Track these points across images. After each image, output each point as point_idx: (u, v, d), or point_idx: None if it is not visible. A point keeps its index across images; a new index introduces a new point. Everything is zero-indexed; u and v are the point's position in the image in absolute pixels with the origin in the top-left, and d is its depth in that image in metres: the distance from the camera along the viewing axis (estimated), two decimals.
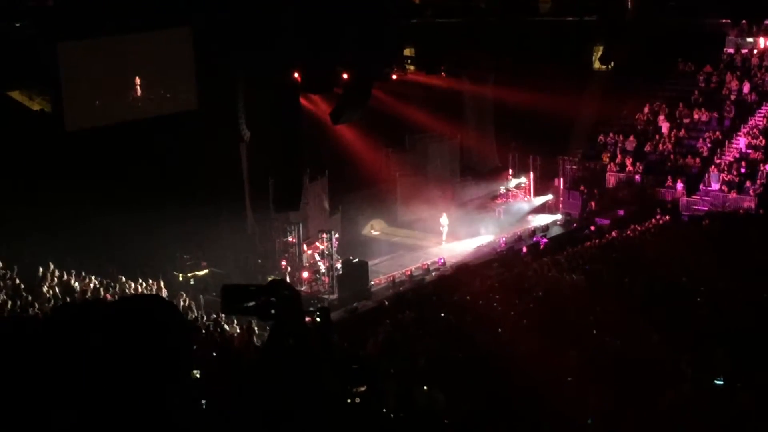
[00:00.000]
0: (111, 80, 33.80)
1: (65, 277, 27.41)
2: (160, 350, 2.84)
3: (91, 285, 27.44)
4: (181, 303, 27.60)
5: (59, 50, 31.90)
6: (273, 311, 3.52)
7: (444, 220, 40.10)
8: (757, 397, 13.80)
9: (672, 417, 13.69)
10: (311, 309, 3.95)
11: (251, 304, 3.58)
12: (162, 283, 29.64)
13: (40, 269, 26.79)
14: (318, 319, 3.85)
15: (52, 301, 24.50)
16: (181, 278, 33.43)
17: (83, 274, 28.19)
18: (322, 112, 38.48)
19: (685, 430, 13.42)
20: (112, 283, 28.11)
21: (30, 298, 24.47)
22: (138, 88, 34.40)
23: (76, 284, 27.29)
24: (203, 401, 3.54)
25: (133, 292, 27.72)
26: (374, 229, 41.97)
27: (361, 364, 4.13)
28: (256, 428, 3.44)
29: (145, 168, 31.94)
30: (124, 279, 28.59)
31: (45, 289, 25.76)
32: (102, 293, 26.68)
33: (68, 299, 24.74)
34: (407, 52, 44.36)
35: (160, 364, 2.83)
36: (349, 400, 3.74)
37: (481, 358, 17.74)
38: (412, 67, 43.94)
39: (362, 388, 3.99)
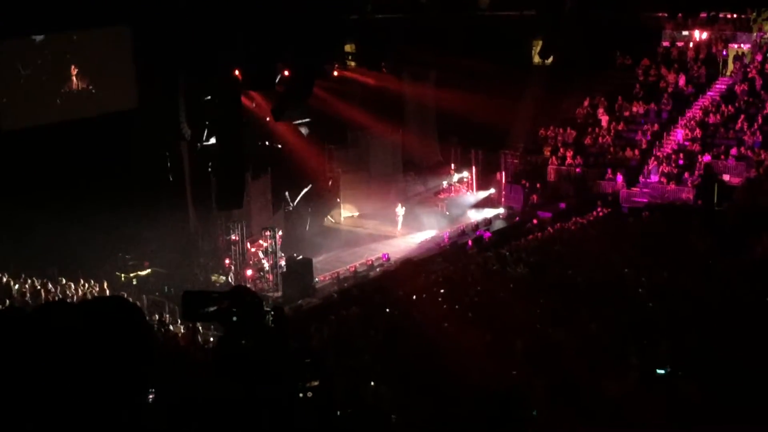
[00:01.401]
0: (48, 79, 33.36)
1: (5, 279, 27.05)
2: (131, 350, 2.83)
3: (32, 287, 27.11)
4: None
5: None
6: (235, 318, 3.53)
7: (400, 210, 40.39)
8: (698, 386, 14.01)
9: (617, 406, 13.85)
10: (267, 309, 3.95)
11: (213, 309, 3.57)
12: (105, 284, 29.34)
13: None
14: (272, 319, 3.85)
15: None
16: (123, 278, 33.14)
17: (23, 276, 27.83)
18: (263, 109, 38.34)
19: (631, 418, 13.58)
20: (51, 285, 27.79)
21: None
22: (76, 86, 33.98)
23: (16, 287, 26.94)
24: (150, 395, 3.52)
25: (74, 293, 27.42)
26: (333, 218, 42.24)
27: (312, 358, 4.14)
28: (207, 423, 3.44)
29: (86, 168, 31.58)
30: (64, 280, 28.27)
31: None
32: (43, 295, 26.37)
33: (7, 301, 24.41)
34: (348, 48, 44.29)
35: (130, 365, 2.82)
36: (301, 395, 3.74)
37: (427, 353, 17.80)
38: (353, 63, 43.91)
39: (315, 383, 4.00)
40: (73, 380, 2.72)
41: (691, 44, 43.73)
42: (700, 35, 43.65)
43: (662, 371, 15.35)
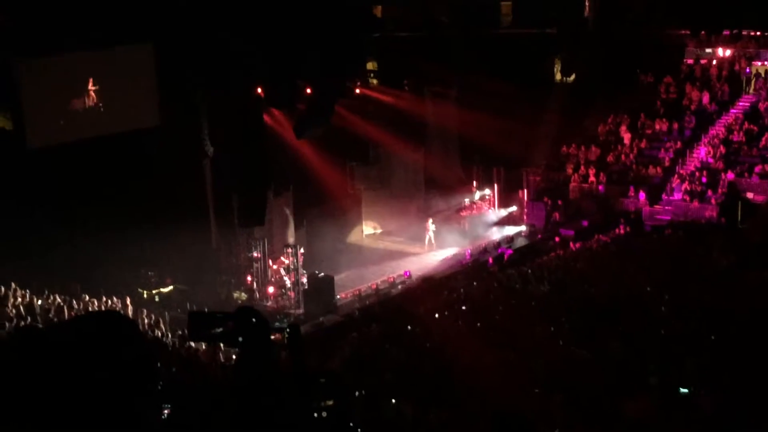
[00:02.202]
0: (72, 97, 33.56)
1: (28, 296, 27.17)
2: (121, 365, 2.82)
3: (55, 303, 27.22)
4: (146, 320, 27.43)
5: (20, 67, 31.68)
6: (240, 338, 3.52)
7: (431, 225, 40.59)
8: (719, 402, 13.92)
9: (637, 425, 13.77)
10: (282, 326, 3.95)
11: (218, 330, 3.57)
12: (127, 300, 29.42)
13: (2, 288, 26.55)
14: (288, 336, 3.85)
15: (15, 321, 24.27)
16: (145, 295, 33.21)
17: (46, 292, 27.95)
18: (284, 127, 38.42)
19: None
20: (75, 302, 27.89)
21: None
22: (99, 104, 34.16)
23: (39, 303, 27.06)
24: (166, 410, 3.52)
25: (96, 309, 27.51)
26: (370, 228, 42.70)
27: (328, 377, 4.12)
28: None
29: (109, 185, 31.72)
30: (87, 297, 28.36)
31: (8, 308, 25.53)
32: (66, 312, 26.47)
33: (30, 319, 24.53)
34: (370, 66, 44.41)
35: (122, 379, 2.81)
36: (315, 415, 3.74)
37: (448, 371, 17.76)
38: (375, 81, 44.01)
39: (329, 402, 3.98)
40: (68, 396, 2.72)
41: (714, 61, 43.59)
42: (723, 52, 43.50)
43: (685, 390, 15.25)
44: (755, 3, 38.27)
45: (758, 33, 42.82)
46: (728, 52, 43.37)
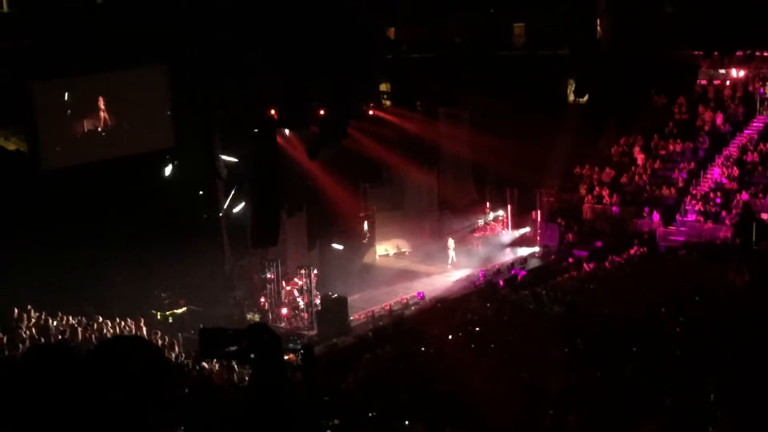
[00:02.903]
0: (87, 118, 33.73)
1: (42, 317, 27.21)
2: (145, 391, 2.82)
3: (69, 325, 27.26)
4: (159, 341, 27.43)
5: (34, 89, 31.86)
6: (252, 356, 3.50)
7: (451, 243, 40.88)
8: (737, 424, 13.83)
9: None
10: (296, 347, 3.95)
11: (230, 348, 3.55)
12: (141, 322, 29.44)
13: (16, 310, 26.59)
14: (302, 357, 3.85)
15: (28, 342, 24.31)
16: (159, 316, 33.22)
17: (60, 314, 28.00)
18: (298, 149, 38.50)
19: None
20: (89, 323, 27.93)
21: (6, 339, 24.28)
22: (113, 125, 34.30)
23: (53, 324, 27.09)
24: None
25: (111, 331, 27.54)
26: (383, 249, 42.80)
27: (333, 397, 4.12)
28: None
29: (122, 206, 31.79)
30: (101, 318, 28.40)
31: (22, 330, 25.57)
32: (80, 333, 26.51)
33: (42, 340, 24.55)
34: (383, 87, 44.51)
35: (145, 405, 2.81)
36: None
37: (462, 393, 17.69)
38: (388, 102, 44.11)
39: (335, 422, 3.97)
40: (89, 416, 2.72)
41: (727, 82, 43.54)
42: (737, 73, 43.46)
43: (707, 412, 15.14)
44: None
45: None
46: (741, 73, 43.33)
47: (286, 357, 3.72)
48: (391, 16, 41.16)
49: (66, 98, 32.84)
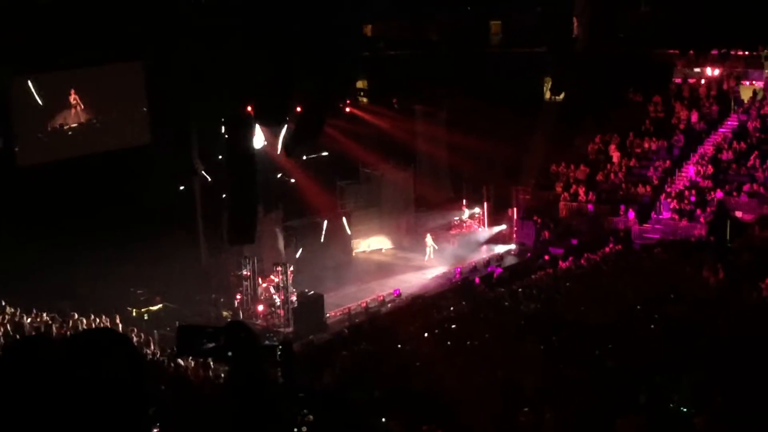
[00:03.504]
0: (63, 115, 33.57)
1: (17, 314, 27.06)
2: (117, 383, 2.80)
3: (43, 322, 27.11)
4: (135, 338, 27.33)
5: (10, 85, 31.66)
6: (230, 353, 3.49)
7: (429, 240, 41.21)
8: (711, 421, 13.90)
9: None
10: (274, 343, 3.94)
11: (208, 345, 3.54)
12: (117, 319, 29.32)
13: None
14: (280, 353, 3.83)
15: (2, 339, 24.17)
16: (134, 313, 33.11)
17: (35, 311, 27.85)
18: (274, 145, 38.42)
19: None
20: (64, 320, 27.79)
21: None
22: (90, 122, 34.16)
23: (28, 321, 26.95)
24: (156, 429, 3.49)
25: (85, 328, 27.41)
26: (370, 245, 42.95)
27: (308, 392, 4.11)
28: None
29: (98, 203, 31.66)
30: (76, 315, 28.26)
31: None
32: (54, 330, 26.37)
33: (18, 336, 24.41)
34: (360, 84, 44.47)
35: (117, 398, 2.79)
36: (296, 430, 3.72)
37: (438, 390, 17.72)
38: (365, 100, 44.07)
39: (310, 418, 3.97)
40: (64, 414, 2.70)
41: (702, 81, 43.78)
42: (711, 72, 43.70)
43: (684, 409, 15.22)
44: (743, 23, 38.44)
45: (746, 53, 43.03)
46: (716, 72, 43.58)
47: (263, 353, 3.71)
48: (368, 13, 41.09)
49: (41, 94, 32.67)
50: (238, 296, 34.64)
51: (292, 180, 39.33)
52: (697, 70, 44.06)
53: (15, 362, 2.82)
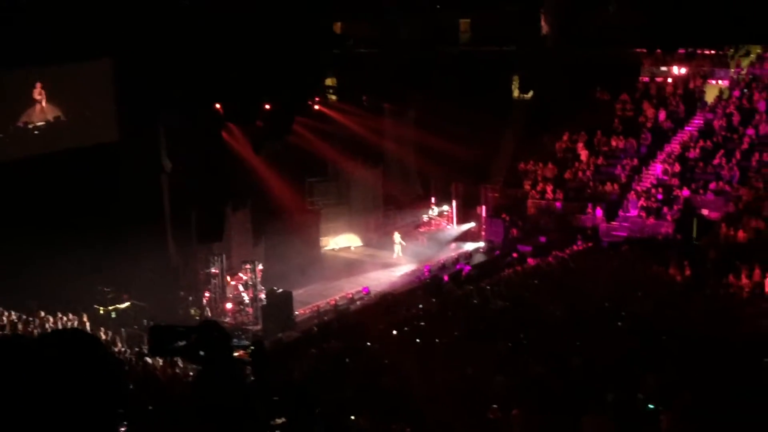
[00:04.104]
0: (28, 111, 33.34)
1: None
2: (85, 384, 2.79)
3: (10, 320, 26.92)
4: (103, 336, 27.20)
5: None
6: (202, 353, 3.50)
7: (397, 237, 41.60)
8: (679, 419, 14.02)
9: None
10: (244, 343, 3.96)
11: (180, 344, 3.54)
12: (84, 317, 29.16)
13: None
14: (252, 353, 3.84)
15: None
16: (102, 312, 32.94)
17: (1, 309, 27.64)
18: (243, 143, 38.35)
19: None
20: (30, 318, 27.61)
21: None
22: (57, 119, 33.93)
23: None
24: (123, 428, 3.48)
25: (52, 326, 27.25)
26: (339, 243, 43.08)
27: (282, 395, 4.12)
28: None
29: (65, 201, 31.43)
30: (43, 314, 28.09)
31: None
32: (21, 328, 26.20)
33: None
34: (329, 81, 44.45)
35: (87, 401, 2.79)
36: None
37: (407, 387, 17.75)
38: (334, 97, 44.05)
39: (280, 421, 3.98)
40: (32, 415, 2.70)
41: (669, 79, 44.08)
42: (678, 70, 44.01)
43: (651, 406, 15.33)
44: (709, 22, 38.75)
45: (712, 52, 43.38)
46: (683, 71, 43.90)
47: (236, 354, 3.72)
48: (337, 10, 41.09)
49: (5, 91, 32.41)
50: (207, 294, 34.56)
51: (261, 178, 39.22)
52: (664, 68, 44.36)
53: None
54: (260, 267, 34.65)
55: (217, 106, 36.71)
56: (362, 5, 41.50)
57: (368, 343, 24.25)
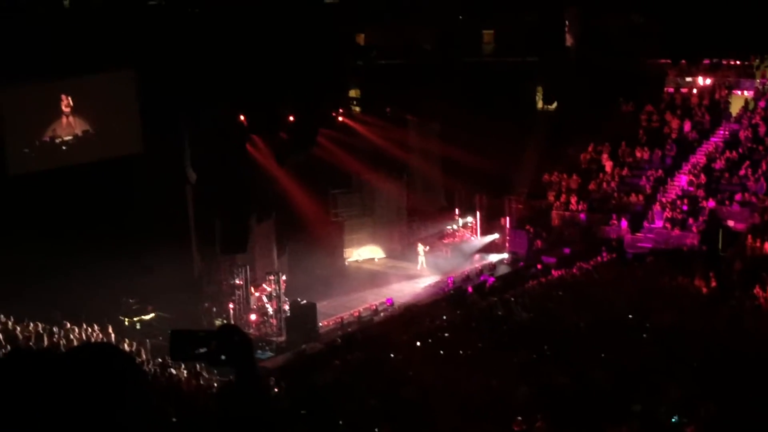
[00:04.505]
0: (54, 124, 33.57)
1: (9, 324, 27.01)
2: (118, 402, 2.80)
3: (35, 331, 27.06)
4: (127, 347, 27.29)
5: (2, 94, 31.64)
6: (223, 357, 3.48)
7: (420, 249, 41.33)
8: (702, 428, 13.93)
9: None
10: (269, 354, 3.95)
11: (201, 350, 3.53)
12: (109, 329, 29.27)
13: None
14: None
15: None
16: (126, 323, 33.03)
17: (26, 320, 27.79)
18: (267, 154, 38.44)
19: None
20: (55, 329, 27.73)
21: None
22: (82, 131, 34.15)
23: (20, 331, 26.89)
24: None
25: (78, 337, 27.38)
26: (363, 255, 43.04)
27: (306, 407, 4.12)
28: None
29: (91, 212, 31.62)
30: (68, 325, 28.21)
31: None
32: (46, 339, 26.32)
33: (9, 347, 24.35)
34: (353, 93, 44.51)
35: (118, 416, 2.79)
36: None
37: (430, 399, 17.71)
38: (357, 109, 44.09)
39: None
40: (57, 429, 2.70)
41: (694, 90, 43.86)
42: (703, 81, 43.80)
43: (673, 419, 15.24)
44: (734, 33, 38.59)
45: (737, 62, 43.18)
46: (708, 81, 43.69)
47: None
48: (360, 22, 41.19)
49: (33, 103, 32.65)
50: (231, 305, 34.59)
51: (285, 189, 39.27)
52: (689, 79, 44.15)
53: (7, 374, 2.82)
54: (284, 278, 34.65)
55: (241, 118, 36.84)
56: (386, 16, 41.58)
57: (392, 355, 24.22)
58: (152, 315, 33.86)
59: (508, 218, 42.32)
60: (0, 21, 30.56)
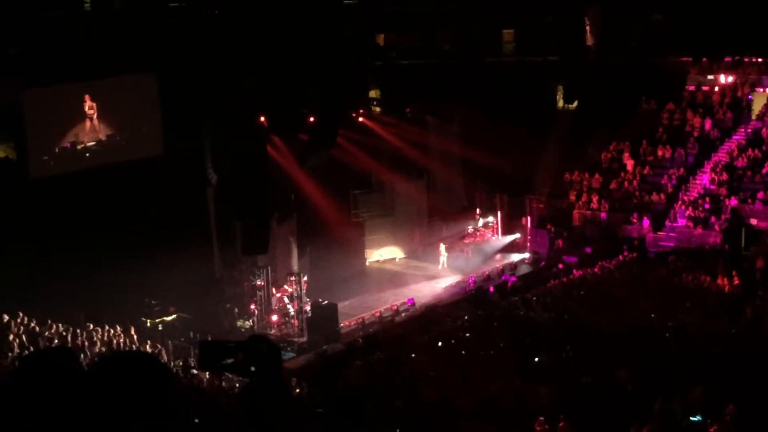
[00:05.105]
0: (76, 126, 33.72)
1: (32, 325, 27.13)
2: (149, 408, 2.80)
3: (58, 332, 27.18)
4: (149, 348, 27.39)
5: (24, 96, 31.81)
6: (253, 368, 3.48)
7: (442, 249, 41.40)
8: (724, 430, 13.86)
9: None
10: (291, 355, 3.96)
11: (230, 361, 3.53)
12: (131, 330, 29.37)
13: (5, 317, 26.50)
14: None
15: (17, 350, 24.23)
16: (149, 324, 33.13)
17: (49, 321, 27.91)
18: (287, 155, 38.49)
19: None
20: (78, 330, 27.85)
21: None
22: (103, 133, 34.31)
23: (43, 331, 27.00)
24: None
25: (100, 338, 27.48)
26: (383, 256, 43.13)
27: (327, 408, 4.11)
28: None
29: (112, 214, 31.75)
30: (91, 326, 28.32)
31: (11, 337, 25.48)
32: (69, 340, 26.43)
33: (32, 348, 24.46)
34: (373, 93, 44.52)
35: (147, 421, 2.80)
36: None
37: (452, 399, 17.70)
38: (377, 109, 44.09)
39: None
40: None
41: (716, 88, 43.60)
42: (725, 79, 43.54)
43: (696, 419, 15.17)
44: (756, 30, 38.39)
45: (759, 60, 42.91)
46: (730, 79, 43.43)
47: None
48: (380, 23, 41.21)
49: (55, 106, 32.81)
50: (252, 306, 34.66)
51: (306, 190, 39.32)
52: (710, 77, 43.89)
53: (34, 373, 2.83)
54: (305, 279, 34.70)
55: (262, 119, 36.92)
56: (406, 17, 41.59)
57: (413, 355, 24.21)
58: (174, 316, 33.96)
59: (529, 218, 42.23)
60: (23, 23, 30.71)
